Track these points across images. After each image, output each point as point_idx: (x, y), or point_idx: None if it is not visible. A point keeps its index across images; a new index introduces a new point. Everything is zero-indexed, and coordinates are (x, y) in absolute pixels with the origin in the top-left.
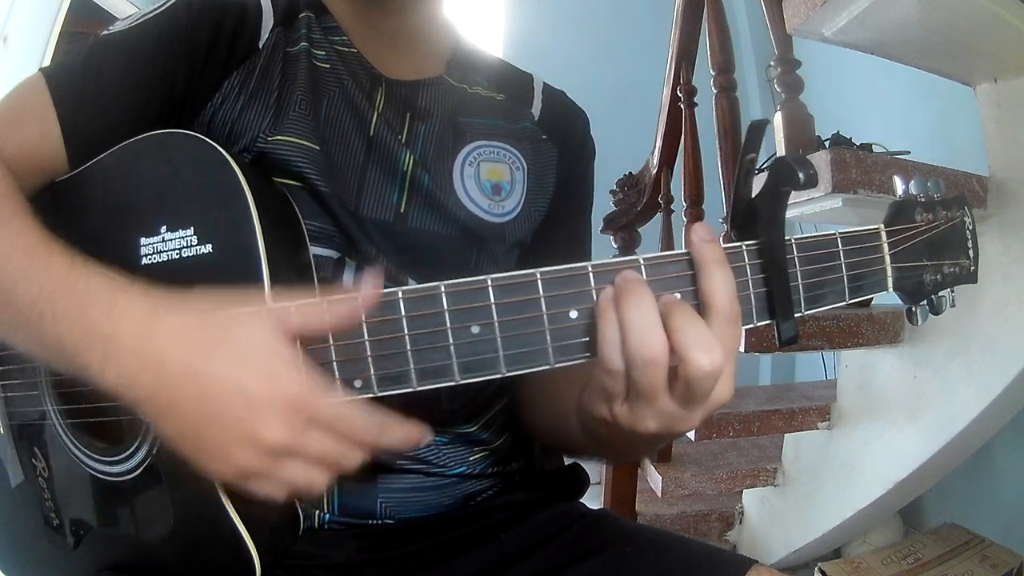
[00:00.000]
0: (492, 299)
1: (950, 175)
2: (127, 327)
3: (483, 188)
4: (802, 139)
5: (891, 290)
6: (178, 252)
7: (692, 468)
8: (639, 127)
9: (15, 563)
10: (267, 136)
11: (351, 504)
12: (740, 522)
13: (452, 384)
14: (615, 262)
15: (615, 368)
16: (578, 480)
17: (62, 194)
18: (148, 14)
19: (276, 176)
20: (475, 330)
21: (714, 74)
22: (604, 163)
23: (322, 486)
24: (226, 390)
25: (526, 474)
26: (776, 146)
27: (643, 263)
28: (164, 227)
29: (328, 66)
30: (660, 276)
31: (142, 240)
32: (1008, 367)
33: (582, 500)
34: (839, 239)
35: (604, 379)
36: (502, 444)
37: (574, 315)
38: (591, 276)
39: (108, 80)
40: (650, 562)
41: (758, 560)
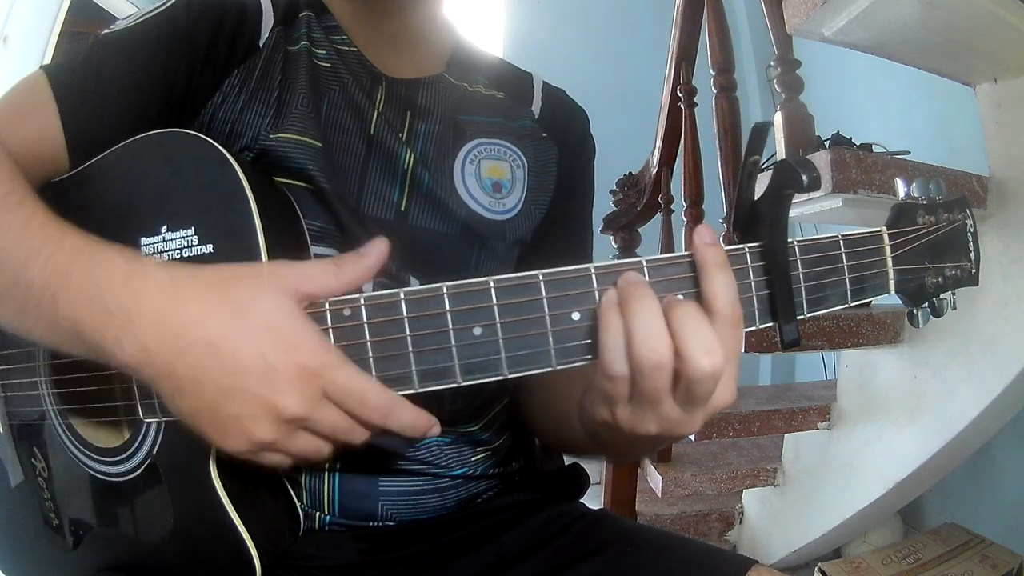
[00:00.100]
0: (494, 300)
1: (950, 175)
2: (146, 300)
3: (484, 186)
4: (802, 139)
5: (893, 293)
6: (179, 252)
7: (692, 468)
8: (639, 127)
9: (15, 563)
10: (268, 134)
11: (352, 506)
12: (740, 522)
13: (454, 386)
14: (617, 264)
15: (618, 374)
16: (578, 480)
17: (62, 193)
18: (148, 13)
19: (277, 175)
20: (477, 331)
21: (714, 74)
22: (604, 163)
23: (325, 456)
24: (248, 363)
25: (526, 474)
26: (776, 146)
27: (645, 265)
28: (164, 227)
29: (328, 65)
30: (662, 278)
31: (142, 240)
32: (1008, 367)
33: (582, 500)
34: (841, 241)
35: (606, 384)
36: (503, 444)
37: (576, 317)
38: (593, 278)
39: (108, 80)
40: (650, 562)
41: (758, 560)
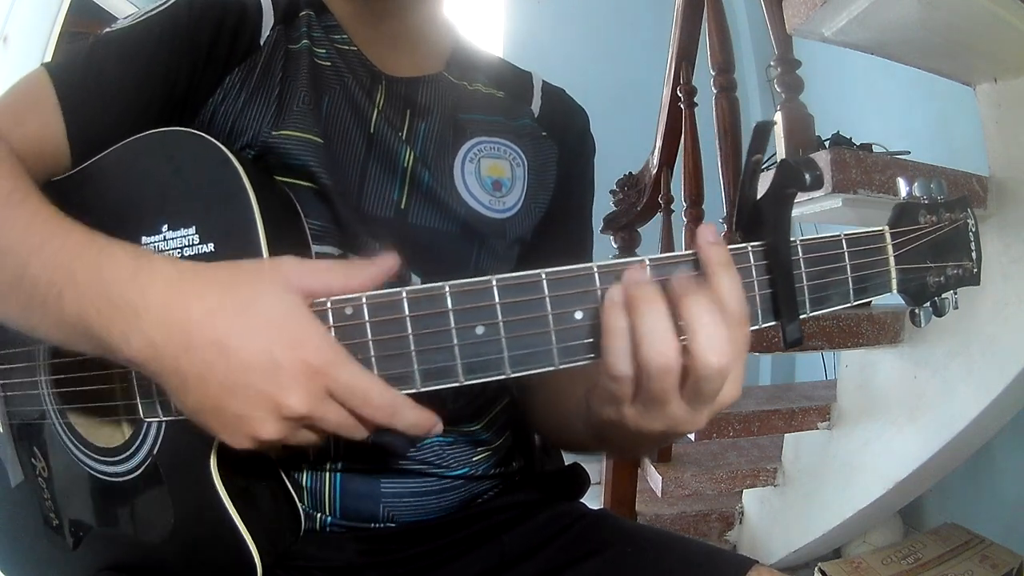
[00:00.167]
0: (497, 299)
1: (950, 175)
2: (153, 295)
3: (484, 184)
4: (802, 139)
5: (895, 292)
6: (180, 251)
7: (692, 468)
8: (639, 127)
9: (15, 563)
10: (270, 131)
11: (353, 507)
12: (740, 522)
13: (456, 385)
14: (621, 262)
15: (623, 375)
16: (578, 480)
17: (63, 192)
18: (150, 12)
19: (278, 174)
20: (480, 331)
21: (714, 74)
22: (604, 163)
23: (319, 443)
24: (253, 359)
25: (526, 475)
26: (776, 146)
27: (648, 263)
28: (165, 226)
29: (329, 64)
30: (665, 277)
31: (143, 239)
32: (1008, 367)
33: (582, 500)
34: (844, 240)
35: (610, 384)
36: (503, 444)
37: (579, 316)
38: (596, 276)
39: (110, 79)
40: (650, 562)
41: (758, 560)
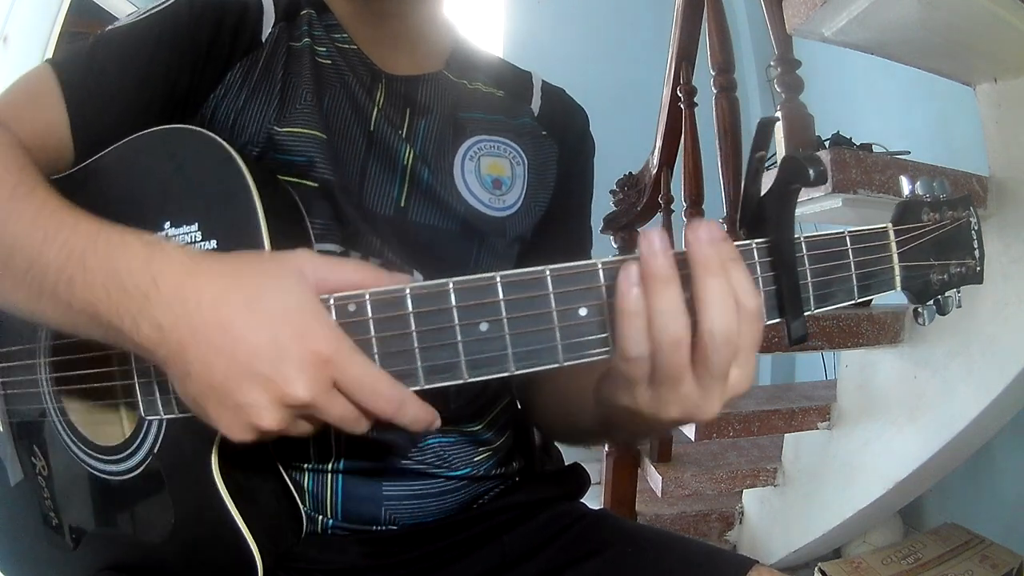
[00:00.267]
0: (501, 296)
1: (950, 175)
2: (165, 280)
3: (483, 182)
4: (802, 139)
5: (899, 289)
6: None
7: (692, 468)
8: (639, 127)
9: (14, 563)
10: (274, 128)
11: (355, 510)
12: (740, 522)
13: (459, 382)
14: (625, 259)
15: (639, 355)
16: (578, 480)
17: (66, 190)
18: (151, 11)
19: (281, 174)
20: (484, 327)
21: (714, 74)
22: (604, 163)
23: (315, 434)
24: (259, 345)
25: (527, 475)
26: (776, 146)
27: None
28: (168, 223)
29: (330, 62)
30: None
31: None
32: (1008, 367)
33: (582, 500)
34: (848, 237)
35: (624, 366)
36: (504, 443)
37: (583, 312)
38: (601, 273)
39: (111, 77)
40: (650, 562)
41: (758, 560)
